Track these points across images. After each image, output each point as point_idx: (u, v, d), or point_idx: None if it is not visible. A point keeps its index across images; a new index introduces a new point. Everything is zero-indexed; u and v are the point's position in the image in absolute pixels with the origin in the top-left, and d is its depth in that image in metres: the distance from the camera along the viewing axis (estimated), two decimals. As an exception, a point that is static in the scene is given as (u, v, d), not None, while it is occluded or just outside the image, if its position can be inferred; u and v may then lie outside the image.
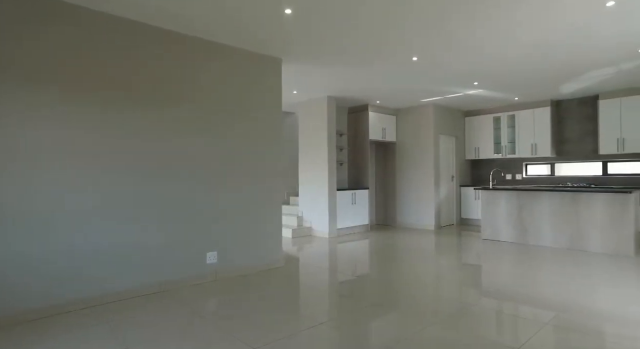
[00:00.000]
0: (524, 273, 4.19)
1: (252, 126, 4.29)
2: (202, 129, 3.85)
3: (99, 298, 3.18)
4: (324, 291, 3.66)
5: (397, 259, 5.08)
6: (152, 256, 3.48)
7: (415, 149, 7.77)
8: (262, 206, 4.36)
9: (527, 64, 4.97)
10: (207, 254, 3.83)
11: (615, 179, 6.77)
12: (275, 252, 4.49)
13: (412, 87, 6.15)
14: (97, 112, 3.20)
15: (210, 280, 3.87)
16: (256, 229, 4.28)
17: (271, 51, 4.38)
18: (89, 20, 3.17)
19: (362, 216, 7.30)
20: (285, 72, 5.18)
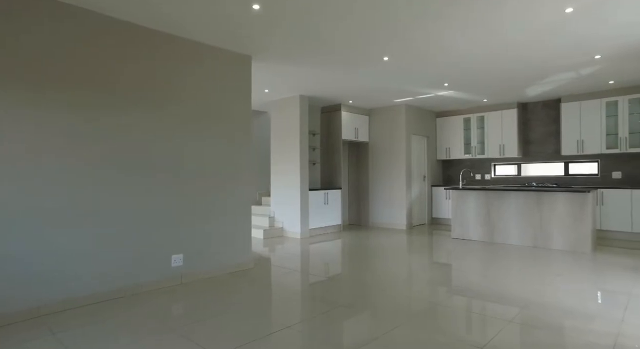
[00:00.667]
0: (491, 271, 4.27)
1: (219, 124, 4.17)
2: (166, 128, 3.71)
3: (47, 306, 3.00)
4: (294, 293, 3.60)
5: (369, 259, 5.08)
6: (111, 260, 3.31)
7: (388, 149, 7.83)
8: (231, 207, 4.25)
9: (493, 67, 5.08)
10: (172, 257, 3.69)
11: (576, 179, 7.04)
12: (245, 253, 4.39)
13: (384, 87, 6.18)
14: (54, 111, 3.01)
15: (176, 284, 3.73)
16: (224, 230, 4.17)
17: (240, 48, 4.28)
18: (47, 11, 2.98)
19: (334, 216, 7.28)
20: (256, 70, 5.08)
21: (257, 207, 7.48)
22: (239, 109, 4.39)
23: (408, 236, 6.81)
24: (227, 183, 4.22)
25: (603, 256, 4.90)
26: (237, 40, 4.05)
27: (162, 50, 3.68)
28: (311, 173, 7.50)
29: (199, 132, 3.97)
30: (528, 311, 2.97)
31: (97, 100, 3.25)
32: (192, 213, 3.88)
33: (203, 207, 3.98)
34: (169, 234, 3.69)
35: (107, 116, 3.30)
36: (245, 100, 4.46)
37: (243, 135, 4.42)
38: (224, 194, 4.18)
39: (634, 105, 6.26)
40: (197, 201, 3.93)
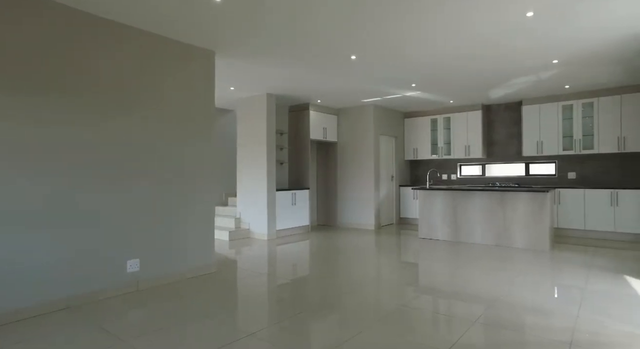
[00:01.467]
0: (456, 270, 4.31)
1: (181, 121, 3.98)
2: (121, 126, 3.48)
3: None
4: (259, 297, 3.47)
5: (337, 260, 5.02)
6: (60, 266, 3.07)
7: (356, 149, 7.82)
8: (193, 208, 4.06)
9: (459, 68, 5.15)
10: (128, 263, 3.47)
11: (536, 179, 7.30)
12: (207, 257, 4.21)
13: (353, 87, 6.15)
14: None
15: (131, 291, 3.51)
16: (185, 232, 3.98)
17: (202, 42, 4.10)
18: None
19: (302, 217, 7.19)
20: (221, 67, 4.90)
21: (223, 208, 7.27)
22: (201, 107, 4.21)
23: (376, 236, 6.81)
24: (188, 183, 4.03)
25: (560, 254, 5.08)
26: (199, 34, 3.88)
27: (117, 44, 3.46)
28: (279, 173, 7.37)
29: (158, 130, 3.77)
30: (492, 310, 2.99)
31: (42, 98, 3.00)
32: (150, 215, 3.67)
33: (162, 209, 3.78)
34: (124, 238, 3.47)
35: (53, 114, 3.05)
36: (208, 97, 4.29)
37: (206, 133, 4.24)
38: (185, 195, 3.99)
39: (586, 109, 6.55)
40: (156, 202, 3.73)
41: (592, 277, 3.94)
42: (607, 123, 6.37)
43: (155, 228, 3.71)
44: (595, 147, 6.47)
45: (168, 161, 3.85)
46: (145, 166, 3.66)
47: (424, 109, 8.26)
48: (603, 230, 6.17)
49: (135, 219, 3.55)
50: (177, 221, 3.90)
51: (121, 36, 3.48)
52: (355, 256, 5.21)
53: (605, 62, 4.89)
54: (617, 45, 4.28)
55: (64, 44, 3.11)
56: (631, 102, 6.20)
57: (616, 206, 6.06)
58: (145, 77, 3.67)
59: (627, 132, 6.23)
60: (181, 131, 3.99)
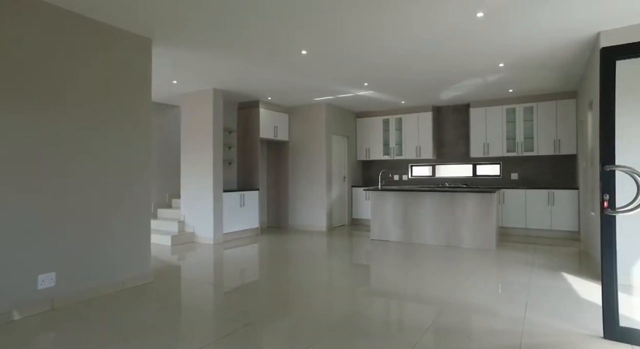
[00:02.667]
0: (408, 273, 4.24)
1: (111, 116, 3.55)
2: (36, 114, 3.01)
3: None
4: (200, 309, 3.15)
5: (287, 264, 4.78)
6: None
7: (308, 149, 7.63)
8: (124, 213, 3.64)
9: (410, 68, 5.12)
10: (39, 278, 2.98)
11: (482, 180, 7.53)
12: (142, 265, 3.80)
13: (304, 84, 5.94)
14: None
15: (45, 310, 3.03)
16: (115, 240, 3.55)
17: (138, 29, 3.69)
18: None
19: (251, 219, 6.87)
20: (161, 57, 4.48)
21: (166, 210, 6.77)
22: (137, 100, 3.79)
23: (328, 238, 6.66)
24: (120, 183, 3.60)
25: (505, 253, 5.21)
26: (134, 19, 3.47)
27: (38, 25, 2.98)
28: (227, 173, 7.00)
29: (80, 122, 3.31)
30: (444, 316, 2.91)
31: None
32: (71, 222, 3.21)
33: (86, 212, 3.33)
34: (36, 248, 2.99)
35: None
36: (144, 90, 3.88)
37: (142, 129, 3.82)
38: (115, 196, 3.56)
39: (527, 113, 6.84)
40: (80, 206, 3.27)
41: (535, 276, 4.02)
42: (545, 127, 6.69)
43: (76, 235, 3.25)
44: (535, 149, 6.77)
45: (95, 158, 3.40)
46: (76, 168, 3.20)
47: (376, 109, 8.25)
48: (541, 228, 6.46)
49: (49, 224, 3.08)
50: (104, 225, 3.46)
51: (53, 17, 3.01)
52: (306, 260, 5.01)
53: (545, 67, 5.08)
54: (555, 52, 4.43)
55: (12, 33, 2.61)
56: (565, 108, 6.55)
57: (552, 206, 6.37)
58: (77, 68, 3.21)
59: (561, 135, 6.58)
60: (117, 128, 3.55)
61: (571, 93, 6.52)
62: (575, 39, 4.09)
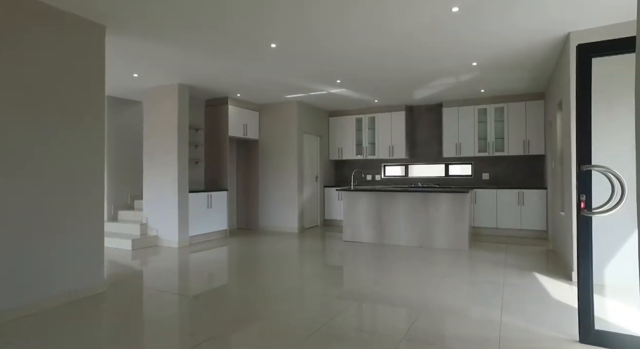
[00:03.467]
0: (381, 277, 4.10)
1: (55, 111, 3.21)
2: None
3: None
4: (159, 320, 2.88)
5: (256, 268, 4.56)
6: None
7: (279, 148, 7.40)
8: (74, 216, 3.31)
9: (383, 65, 5.00)
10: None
11: (454, 180, 7.55)
12: (94, 275, 3.47)
13: (275, 80, 5.72)
14: None
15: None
16: (62, 246, 3.21)
17: (89, 13, 3.36)
18: None
19: (219, 221, 6.58)
20: (117, 48, 4.15)
21: (127, 212, 6.37)
22: (88, 94, 3.46)
23: (299, 240, 6.47)
24: (69, 186, 3.26)
25: (478, 253, 5.18)
26: (85, 2, 3.15)
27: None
28: (194, 173, 6.67)
29: (26, 119, 2.97)
30: (419, 323, 2.77)
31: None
32: (6, 229, 2.87)
33: (28, 217, 2.99)
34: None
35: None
36: (96, 82, 3.55)
37: (94, 125, 3.49)
38: (63, 199, 3.22)
39: (498, 113, 6.90)
40: (20, 207, 2.93)
41: (509, 277, 3.98)
42: (515, 127, 6.76)
43: (16, 243, 2.91)
44: (506, 149, 6.84)
45: (38, 157, 3.06)
46: (17, 168, 2.85)
47: (349, 108, 8.13)
48: (512, 228, 6.52)
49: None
50: (50, 232, 3.12)
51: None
52: (277, 264, 4.80)
53: (516, 68, 5.08)
54: (527, 52, 4.42)
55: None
56: (534, 109, 6.65)
57: (522, 205, 6.44)
58: (19, 55, 2.86)
59: (530, 136, 6.67)
60: (56, 119, 3.21)
61: (540, 94, 6.62)
62: (546, 40, 4.09)
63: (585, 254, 2.43)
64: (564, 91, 4.31)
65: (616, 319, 2.85)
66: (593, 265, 2.45)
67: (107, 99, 6.49)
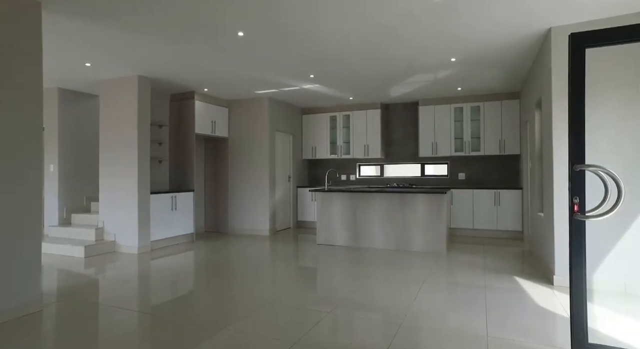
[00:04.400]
0: (357, 284, 3.83)
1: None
2: None
3: None
4: (108, 344, 2.49)
5: (223, 275, 4.19)
6: None
7: (250, 146, 7.03)
8: (5, 223, 2.85)
9: (359, 60, 4.74)
10: None
11: (430, 180, 7.40)
12: (27, 290, 3.02)
13: (244, 73, 5.35)
14: None
15: None
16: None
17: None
18: None
19: (185, 224, 6.14)
20: (61, 31, 3.68)
21: (82, 215, 5.83)
22: (20, 82, 3.00)
23: (271, 243, 6.13)
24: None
25: (457, 256, 5.01)
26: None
27: None
28: (157, 173, 6.21)
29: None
30: (400, 340, 2.51)
31: None
32: None
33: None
34: None
35: None
36: (32, 68, 3.09)
37: (29, 119, 3.04)
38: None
39: (474, 112, 6.80)
40: None
41: (490, 282, 3.81)
42: (491, 127, 6.68)
43: None
44: (482, 149, 6.74)
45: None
46: None
47: (323, 106, 7.84)
48: (488, 228, 6.43)
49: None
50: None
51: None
52: (246, 270, 4.45)
53: (494, 65, 4.95)
54: (506, 47, 4.27)
55: None
56: (510, 108, 6.58)
57: (498, 206, 6.36)
58: None
59: (506, 136, 6.60)
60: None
61: (515, 94, 6.56)
62: (526, 34, 3.94)
63: (579, 262, 2.23)
64: (543, 88, 4.19)
65: (609, 329, 2.69)
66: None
67: (61, 92, 5.95)
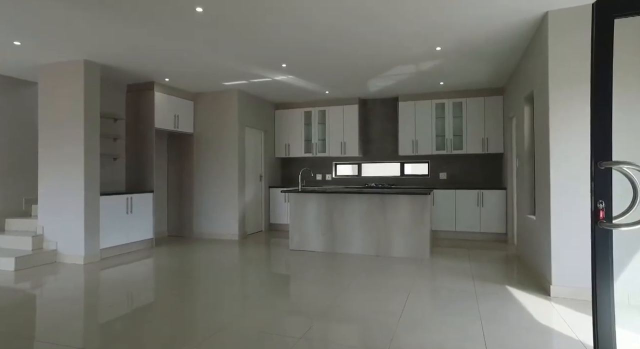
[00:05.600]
0: (335, 298, 3.35)
1: None
2: None
3: None
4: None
5: (184, 287, 3.62)
6: None
7: (217, 143, 6.44)
8: None
9: (336, 49, 4.27)
10: None
11: (410, 180, 7.03)
12: None
13: (208, 60, 4.78)
14: None
15: None
16: None
17: None
18: None
19: (143, 228, 5.50)
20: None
21: (20, 220, 5.08)
22: None
23: (240, 249, 5.58)
24: None
25: (441, 262, 4.62)
26: None
27: None
28: (111, 171, 5.54)
29: None
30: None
31: None
32: None
33: None
34: None
35: None
36: None
37: None
38: None
39: (456, 109, 6.47)
40: None
41: (481, 293, 3.41)
42: (474, 124, 6.37)
43: None
44: (464, 147, 6.42)
45: None
46: None
47: (297, 101, 7.33)
48: (471, 231, 6.10)
49: None
50: None
51: None
52: (208, 283, 3.90)
53: (481, 56, 4.59)
54: (496, 36, 3.90)
55: None
56: (493, 105, 6.29)
57: (482, 207, 6.05)
58: None
59: (489, 133, 6.30)
60: None
61: (499, 90, 6.26)
62: (520, 20, 3.58)
63: (605, 279, 1.83)
64: (536, 81, 3.84)
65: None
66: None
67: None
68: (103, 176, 5.40)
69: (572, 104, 3.26)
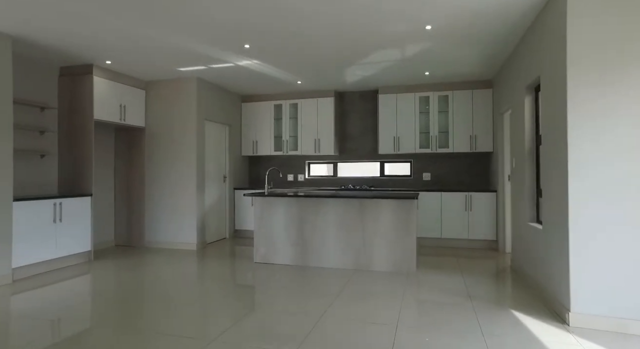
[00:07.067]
0: (307, 328, 2.61)
1: None
2: None
3: None
4: None
5: (118, 317, 2.78)
6: None
7: (173, 139, 5.59)
8: None
9: (309, 26, 3.54)
10: None
11: (391, 181, 6.39)
12: None
13: (153, 36, 3.94)
14: None
15: None
16: None
17: None
18: None
19: (77, 240, 4.59)
20: None
21: None
22: None
23: (197, 262, 4.75)
24: None
25: (429, 277, 3.97)
26: None
27: None
28: (38, 172, 4.61)
29: None
30: None
31: None
32: None
33: None
34: None
35: None
36: None
37: None
38: None
39: (442, 103, 5.87)
40: None
41: (483, 319, 2.77)
42: (461, 120, 5.78)
43: None
44: (450, 145, 5.82)
45: None
46: None
47: (266, 92, 6.55)
48: (458, 238, 5.51)
49: None
50: None
51: None
52: (152, 308, 3.08)
53: (473, 40, 3.97)
54: (493, 15, 3.27)
55: None
56: (481, 99, 5.72)
57: (470, 211, 5.47)
58: None
59: (477, 130, 5.73)
60: None
61: (487, 82, 5.70)
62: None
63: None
64: (545, 65, 3.24)
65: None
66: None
67: None
68: (26, 176, 4.47)
69: (605, 95, 2.64)
